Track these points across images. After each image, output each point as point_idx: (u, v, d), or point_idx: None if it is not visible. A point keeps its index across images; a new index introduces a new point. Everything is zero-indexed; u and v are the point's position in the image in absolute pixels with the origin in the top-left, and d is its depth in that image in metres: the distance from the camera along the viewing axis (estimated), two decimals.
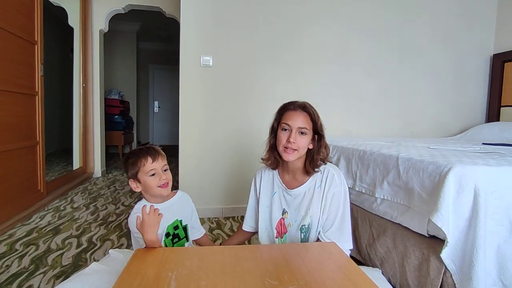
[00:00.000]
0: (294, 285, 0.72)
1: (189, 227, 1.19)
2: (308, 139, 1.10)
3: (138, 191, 1.09)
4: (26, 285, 1.36)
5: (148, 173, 1.04)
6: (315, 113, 1.11)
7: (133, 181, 1.07)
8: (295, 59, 2.54)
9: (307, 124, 1.09)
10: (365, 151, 1.67)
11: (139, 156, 1.05)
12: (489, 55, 3.00)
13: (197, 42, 2.34)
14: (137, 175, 1.05)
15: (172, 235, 1.12)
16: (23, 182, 2.26)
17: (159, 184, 1.05)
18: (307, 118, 1.09)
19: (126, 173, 1.10)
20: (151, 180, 1.05)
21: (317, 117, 1.11)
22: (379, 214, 1.52)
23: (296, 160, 1.12)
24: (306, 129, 1.08)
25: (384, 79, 2.75)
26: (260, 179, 1.25)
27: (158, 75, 7.20)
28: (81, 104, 3.45)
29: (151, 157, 1.05)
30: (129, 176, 1.08)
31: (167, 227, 1.09)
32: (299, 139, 1.08)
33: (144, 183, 1.06)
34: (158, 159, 1.07)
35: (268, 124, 1.22)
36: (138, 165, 1.05)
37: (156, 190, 1.06)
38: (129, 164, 1.06)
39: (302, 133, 1.08)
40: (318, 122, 1.10)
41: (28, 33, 2.29)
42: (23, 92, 2.23)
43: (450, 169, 1.10)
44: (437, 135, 2.92)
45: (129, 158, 1.07)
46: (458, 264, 1.07)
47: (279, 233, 1.19)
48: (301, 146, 1.08)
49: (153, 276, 0.77)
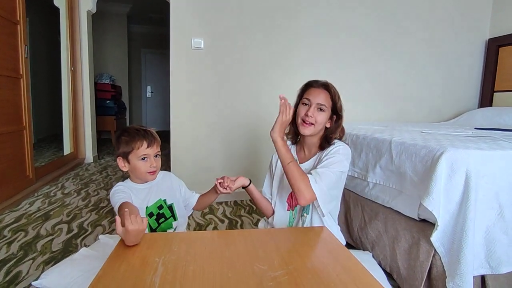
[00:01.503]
0: (283, 270, 0.71)
1: (179, 203, 1.17)
2: (326, 116, 1.13)
3: (125, 170, 1.07)
4: (15, 271, 1.34)
5: (140, 157, 1.02)
6: (336, 93, 1.15)
7: (122, 159, 1.05)
8: (289, 41, 2.48)
9: (326, 101, 1.12)
10: (358, 135, 1.65)
11: (135, 138, 1.02)
12: (484, 39, 2.96)
13: (187, 23, 2.26)
14: (128, 155, 1.03)
15: (157, 214, 1.11)
16: (10, 168, 2.21)
17: (148, 170, 1.04)
18: (328, 97, 1.13)
19: (116, 149, 1.07)
20: (142, 164, 1.03)
21: (338, 98, 1.14)
22: (371, 199, 1.52)
23: (314, 137, 1.16)
24: (325, 106, 1.12)
25: (377, 64, 2.71)
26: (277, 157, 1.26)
27: (150, 60, 7.04)
28: (70, 88, 3.35)
29: (147, 142, 1.03)
30: (119, 153, 1.05)
31: (150, 207, 1.08)
32: (317, 114, 1.11)
33: (134, 166, 1.04)
34: (154, 145, 1.05)
35: (262, 108, 1.22)
36: (132, 146, 1.02)
37: (143, 175, 1.05)
38: (122, 141, 1.03)
39: (321, 110, 1.12)
40: (338, 102, 1.14)
41: (9, 12, 2.18)
42: (6, 75, 2.15)
43: (443, 153, 1.09)
44: (430, 120, 2.92)
45: (122, 136, 1.04)
46: (447, 247, 1.08)
47: (291, 206, 1.22)
48: (318, 121, 1.11)
49: (140, 261, 0.75)
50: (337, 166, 1.06)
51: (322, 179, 1.03)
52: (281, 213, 1.24)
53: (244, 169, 2.46)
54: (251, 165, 2.48)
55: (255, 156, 2.48)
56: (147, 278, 0.67)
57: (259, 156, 2.47)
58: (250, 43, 2.41)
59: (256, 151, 2.48)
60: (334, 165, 1.06)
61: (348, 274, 0.72)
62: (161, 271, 0.69)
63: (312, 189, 1.01)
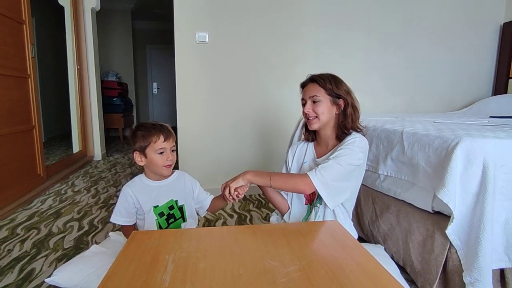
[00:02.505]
0: (296, 266, 0.69)
1: (191, 204, 1.17)
2: (324, 105, 1.11)
3: (141, 164, 1.08)
4: (28, 269, 1.36)
5: (157, 151, 1.04)
6: (327, 79, 1.11)
7: (139, 154, 1.06)
8: (294, 32, 2.43)
9: (317, 91, 1.11)
10: (368, 127, 1.61)
11: (152, 132, 1.04)
12: (499, 24, 2.86)
13: (192, 17, 2.23)
14: (145, 149, 1.04)
15: (167, 215, 1.11)
16: (22, 167, 2.24)
17: (164, 164, 1.05)
18: (316, 86, 1.12)
19: (132, 144, 1.08)
20: (158, 158, 1.04)
21: (328, 82, 1.11)
22: (382, 191, 1.49)
23: (325, 129, 1.15)
24: (317, 96, 1.11)
25: (385, 53, 2.63)
26: (293, 152, 1.28)
27: (156, 56, 7.02)
28: (77, 87, 3.37)
29: (163, 136, 1.04)
30: (136, 148, 1.06)
31: (161, 206, 1.09)
32: (314, 106, 1.12)
33: (151, 160, 1.05)
34: (170, 139, 1.06)
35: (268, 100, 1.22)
36: (149, 140, 1.03)
37: (159, 169, 1.06)
38: (139, 136, 1.04)
39: (315, 101, 1.11)
40: (329, 85, 1.10)
41: (15, 12, 2.19)
42: (13, 75, 2.16)
43: (458, 143, 1.05)
44: (441, 110, 2.84)
45: (139, 130, 1.05)
46: (464, 240, 1.05)
47: (308, 200, 1.21)
48: (319, 113, 1.11)
49: (150, 259, 0.74)
50: (347, 158, 1.03)
51: (325, 170, 1.00)
52: (298, 207, 1.22)
53: (253, 161, 2.44)
54: (259, 157, 2.46)
55: (263, 148, 2.46)
56: (157, 275, 0.66)
57: (267, 149, 2.45)
58: (255, 35, 2.37)
59: (265, 143, 2.46)
60: (344, 157, 1.03)
61: (362, 269, 0.70)
62: (171, 269, 0.69)
63: (309, 178, 0.99)
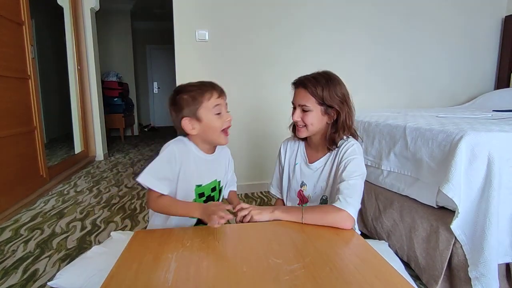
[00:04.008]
0: (300, 263, 0.68)
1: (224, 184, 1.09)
2: (314, 115, 1.01)
3: (194, 133, 0.91)
4: (32, 269, 1.36)
5: (214, 110, 0.88)
6: (317, 84, 0.99)
7: (191, 119, 0.89)
8: (294, 29, 2.41)
9: (306, 100, 1.00)
10: (370, 123, 1.60)
11: (203, 89, 0.88)
12: (501, 17, 2.83)
13: (191, 15, 2.22)
14: (197, 112, 0.88)
15: (207, 197, 1.00)
16: (24, 168, 2.24)
17: (224, 126, 0.90)
18: (306, 93, 1.00)
19: (177, 111, 0.90)
20: (216, 120, 0.89)
21: (320, 88, 0.98)
22: (386, 187, 1.48)
23: (315, 136, 1.07)
24: (306, 106, 1.00)
25: (386, 48, 2.62)
26: (284, 149, 1.22)
27: (156, 56, 7.02)
28: (78, 87, 3.37)
29: (217, 92, 0.90)
30: (185, 113, 0.89)
31: (204, 186, 0.97)
32: (304, 115, 1.02)
33: (208, 123, 0.88)
34: (224, 96, 0.92)
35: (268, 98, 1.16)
36: (200, 100, 0.87)
37: (217, 135, 0.91)
38: (186, 99, 0.88)
39: (305, 110, 1.02)
40: (321, 93, 0.98)
41: (13, 13, 2.18)
42: (14, 76, 2.16)
43: (462, 137, 1.04)
44: (443, 104, 2.83)
45: (183, 93, 0.89)
46: (469, 234, 1.04)
47: (301, 202, 1.17)
48: (308, 123, 1.02)
49: (153, 257, 0.74)
50: (359, 170, 0.97)
51: (350, 196, 0.90)
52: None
53: (253, 159, 2.44)
54: (258, 155, 2.45)
55: (263, 146, 2.45)
56: (160, 274, 0.65)
57: (267, 146, 2.44)
58: (255, 33, 2.35)
59: (264, 141, 2.45)
60: (356, 171, 0.96)
61: (367, 266, 0.69)
62: (174, 267, 0.68)
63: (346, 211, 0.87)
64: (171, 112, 0.94)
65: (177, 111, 0.91)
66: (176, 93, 0.92)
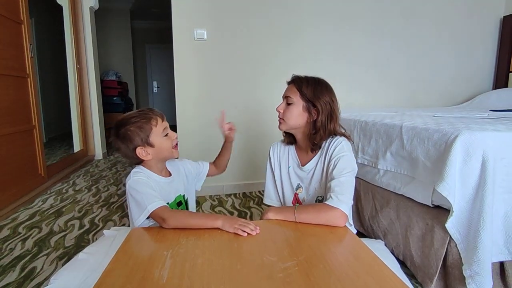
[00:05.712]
0: (293, 261, 0.69)
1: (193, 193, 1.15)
2: (295, 110, 1.04)
3: (149, 159, 0.97)
4: (30, 267, 1.37)
5: (162, 133, 0.97)
6: (306, 82, 1.03)
7: (144, 147, 0.95)
8: (293, 28, 2.42)
9: (292, 93, 1.04)
10: (367, 122, 1.61)
11: (146, 117, 0.95)
12: (499, 17, 2.83)
13: (190, 14, 2.22)
14: (148, 139, 0.95)
15: None
16: (23, 167, 2.24)
17: (173, 144, 0.99)
18: (293, 87, 1.05)
19: (126, 143, 0.95)
20: (166, 141, 0.97)
21: (306, 85, 1.02)
22: (382, 186, 1.48)
23: (301, 135, 1.09)
24: (290, 97, 1.04)
25: (384, 48, 2.62)
26: (274, 152, 1.21)
27: (155, 55, 7.02)
28: (77, 86, 3.37)
29: (160, 117, 0.97)
30: (137, 143, 0.94)
31: (170, 204, 1.03)
32: (286, 108, 1.06)
33: (160, 146, 0.96)
34: (165, 119, 1.00)
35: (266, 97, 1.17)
36: (149, 127, 0.94)
37: (169, 152, 0.99)
38: (134, 131, 0.94)
39: (288, 104, 1.05)
40: (306, 90, 1.01)
41: (13, 12, 2.19)
42: (13, 75, 2.16)
43: (457, 136, 1.04)
44: (441, 104, 2.83)
45: (128, 125, 0.94)
46: (464, 233, 1.04)
47: (296, 201, 1.17)
48: (286, 116, 1.06)
49: (148, 255, 0.75)
50: (349, 166, 0.98)
51: (341, 193, 0.91)
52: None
53: (252, 159, 2.44)
54: (258, 155, 2.45)
55: (262, 145, 2.46)
56: (155, 271, 0.66)
57: (266, 145, 2.44)
58: (254, 32, 2.36)
59: (263, 140, 2.45)
60: (346, 168, 0.97)
61: (361, 264, 0.69)
62: (169, 265, 0.69)
63: (339, 209, 0.88)
64: (118, 144, 0.98)
65: (126, 143, 0.96)
66: (118, 127, 0.96)
